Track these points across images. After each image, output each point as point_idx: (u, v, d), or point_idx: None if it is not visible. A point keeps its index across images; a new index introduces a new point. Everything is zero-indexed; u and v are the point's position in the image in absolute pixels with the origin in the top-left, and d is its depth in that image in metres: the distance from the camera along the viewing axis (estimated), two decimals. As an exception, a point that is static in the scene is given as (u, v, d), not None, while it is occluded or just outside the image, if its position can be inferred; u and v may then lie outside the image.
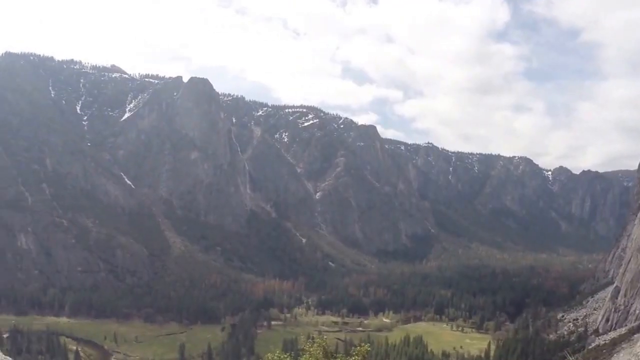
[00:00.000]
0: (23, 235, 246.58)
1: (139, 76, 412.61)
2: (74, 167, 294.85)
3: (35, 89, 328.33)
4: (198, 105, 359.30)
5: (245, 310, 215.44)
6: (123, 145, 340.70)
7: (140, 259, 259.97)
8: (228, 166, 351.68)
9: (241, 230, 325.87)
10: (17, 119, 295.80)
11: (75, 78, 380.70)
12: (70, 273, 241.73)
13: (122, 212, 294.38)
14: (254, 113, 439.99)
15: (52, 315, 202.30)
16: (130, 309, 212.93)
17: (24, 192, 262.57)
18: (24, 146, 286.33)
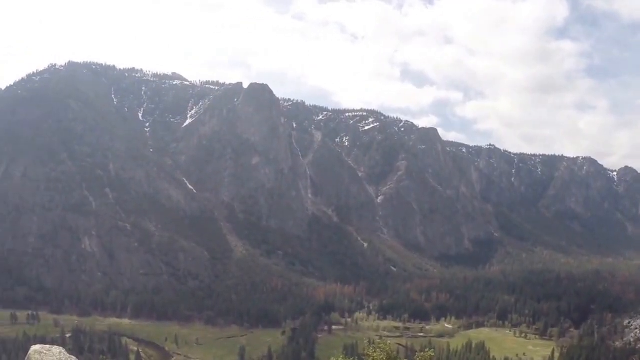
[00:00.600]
0: (87, 238, 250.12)
1: (200, 83, 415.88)
2: (137, 172, 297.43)
3: (98, 97, 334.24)
4: (259, 111, 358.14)
5: (306, 315, 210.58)
6: (185, 150, 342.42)
7: (202, 263, 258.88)
8: (289, 171, 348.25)
9: (303, 234, 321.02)
10: (81, 126, 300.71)
11: (137, 86, 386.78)
12: (133, 275, 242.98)
13: (184, 216, 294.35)
14: (314, 117, 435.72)
15: (115, 317, 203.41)
16: (192, 311, 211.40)
17: (88, 196, 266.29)
18: (88, 152, 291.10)
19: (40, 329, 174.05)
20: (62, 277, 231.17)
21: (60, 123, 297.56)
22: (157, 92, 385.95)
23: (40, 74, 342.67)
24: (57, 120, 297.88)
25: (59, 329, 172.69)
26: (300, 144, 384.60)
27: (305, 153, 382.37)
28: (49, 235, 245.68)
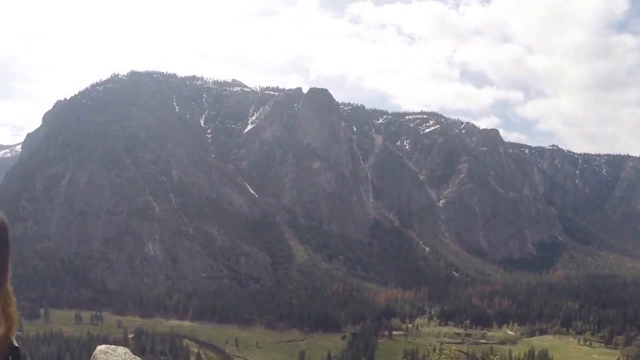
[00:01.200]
0: (151, 242, 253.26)
1: (260, 89, 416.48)
2: (199, 177, 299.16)
3: (160, 105, 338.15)
4: (319, 115, 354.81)
5: (367, 319, 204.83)
6: (246, 156, 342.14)
7: (263, 267, 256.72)
8: (350, 175, 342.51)
9: (364, 239, 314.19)
10: (144, 134, 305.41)
11: (198, 93, 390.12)
12: (195, 279, 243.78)
13: (246, 220, 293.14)
14: (374, 121, 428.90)
15: (176, 319, 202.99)
16: (252, 314, 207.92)
17: (152, 202, 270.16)
18: (151, 159, 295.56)
19: (104, 329, 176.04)
20: (126, 280, 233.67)
21: (124, 131, 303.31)
22: (218, 99, 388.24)
23: (104, 83, 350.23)
24: (120, 128, 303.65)
25: (122, 330, 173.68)
26: (361, 148, 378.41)
27: (366, 157, 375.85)
28: (114, 239, 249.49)
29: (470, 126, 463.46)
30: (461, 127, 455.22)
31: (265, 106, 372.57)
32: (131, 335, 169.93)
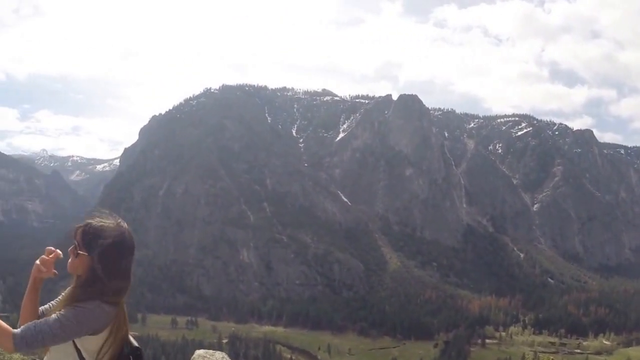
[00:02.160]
0: (245, 250, 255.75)
1: (350, 97, 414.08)
2: (292, 186, 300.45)
3: (252, 116, 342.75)
4: (409, 122, 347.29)
5: (460, 327, 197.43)
6: (339, 164, 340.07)
7: (356, 274, 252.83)
8: (443, 181, 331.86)
9: (457, 245, 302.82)
10: (238, 145, 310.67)
11: (289, 104, 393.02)
12: (289, 285, 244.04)
13: (339, 228, 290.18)
14: (465, 125, 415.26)
15: (270, 325, 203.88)
16: (345, 321, 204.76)
17: (247, 210, 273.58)
18: (245, 169, 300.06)
19: (199, 334, 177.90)
20: (221, 286, 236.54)
21: (218, 142, 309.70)
22: (309, 109, 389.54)
23: (197, 97, 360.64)
24: (214, 139, 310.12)
25: (217, 335, 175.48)
26: (453, 153, 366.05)
27: (458, 162, 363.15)
28: (209, 247, 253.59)
29: (563, 127, 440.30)
30: (554, 129, 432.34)
31: (355, 114, 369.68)
32: (225, 340, 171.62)
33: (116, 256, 3.87)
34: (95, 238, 3.87)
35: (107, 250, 3.83)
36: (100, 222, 3.96)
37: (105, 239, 3.85)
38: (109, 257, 3.83)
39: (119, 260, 3.89)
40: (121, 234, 3.95)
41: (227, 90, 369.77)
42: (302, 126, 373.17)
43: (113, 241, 3.87)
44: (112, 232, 3.91)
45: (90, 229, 3.93)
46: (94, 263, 3.83)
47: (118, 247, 3.89)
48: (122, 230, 3.98)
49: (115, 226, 3.97)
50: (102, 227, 3.93)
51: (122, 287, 3.93)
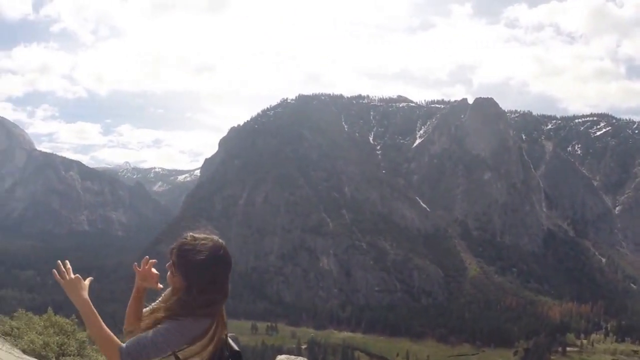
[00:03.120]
0: (325, 257, 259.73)
1: (425, 103, 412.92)
2: (370, 193, 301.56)
3: (329, 125, 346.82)
4: (486, 125, 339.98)
5: (540, 335, 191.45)
6: (416, 170, 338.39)
7: (435, 280, 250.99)
8: (522, 184, 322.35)
9: (537, 250, 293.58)
10: (316, 153, 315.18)
11: (365, 111, 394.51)
12: (368, 292, 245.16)
13: (418, 234, 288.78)
14: (542, 127, 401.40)
15: (349, 331, 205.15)
16: (424, 328, 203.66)
17: (326, 218, 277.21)
18: (324, 177, 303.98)
19: (278, 339, 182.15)
20: (301, 293, 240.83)
21: (296, 151, 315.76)
22: (385, 116, 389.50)
23: (274, 108, 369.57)
24: (292, 149, 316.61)
25: (296, 340, 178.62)
26: (531, 156, 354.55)
27: (536, 165, 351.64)
28: (289, 254, 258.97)
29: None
30: (634, 127, 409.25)
31: (432, 119, 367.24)
32: (304, 345, 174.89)
33: (211, 273, 3.90)
34: (189, 257, 3.88)
35: (201, 269, 3.86)
36: (194, 242, 3.96)
37: (199, 258, 3.86)
38: (204, 275, 3.86)
39: (214, 277, 3.93)
40: (215, 251, 3.99)
41: (304, 100, 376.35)
42: (379, 133, 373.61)
43: (207, 259, 3.89)
44: (206, 251, 3.92)
45: (183, 249, 3.93)
46: (189, 282, 3.87)
47: (213, 264, 3.92)
48: (217, 246, 4.03)
49: (209, 244, 3.99)
50: (195, 246, 3.93)
51: (218, 301, 3.98)
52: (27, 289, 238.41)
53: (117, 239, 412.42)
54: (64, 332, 21.43)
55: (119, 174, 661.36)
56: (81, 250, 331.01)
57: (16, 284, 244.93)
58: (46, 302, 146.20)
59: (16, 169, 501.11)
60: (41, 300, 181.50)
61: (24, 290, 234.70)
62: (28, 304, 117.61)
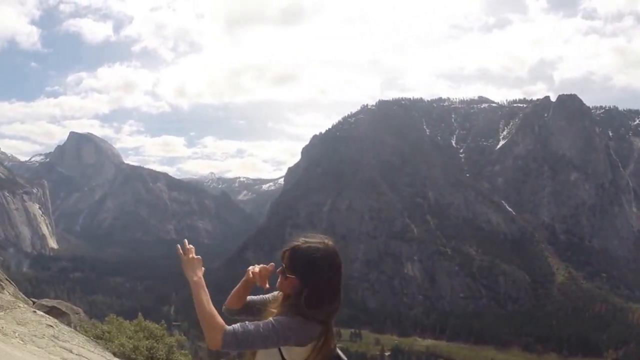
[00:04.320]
0: (410, 263, 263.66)
1: (507, 102, 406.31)
2: (455, 197, 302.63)
3: (410, 129, 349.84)
4: (571, 123, 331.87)
5: (630, 344, 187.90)
6: (501, 172, 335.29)
7: (522, 286, 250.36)
8: (610, 184, 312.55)
9: (628, 254, 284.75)
10: (398, 159, 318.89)
11: (447, 114, 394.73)
12: (452, 299, 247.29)
13: (504, 239, 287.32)
14: (630, 122, 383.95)
15: (432, 338, 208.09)
16: (510, 336, 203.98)
17: (410, 224, 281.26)
18: (407, 182, 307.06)
19: (362, 346, 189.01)
20: (385, 300, 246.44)
21: (379, 157, 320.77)
22: (467, 118, 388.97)
23: (355, 115, 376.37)
24: (375, 155, 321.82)
25: (379, 347, 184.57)
26: (619, 154, 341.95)
27: (625, 163, 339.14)
28: (374, 261, 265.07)
29: None
30: None
31: (514, 119, 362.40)
32: (388, 352, 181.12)
33: (325, 274, 3.95)
34: (302, 260, 3.94)
35: (315, 269, 3.91)
36: (307, 244, 4.00)
37: (312, 260, 3.92)
38: (318, 276, 3.90)
39: (328, 279, 3.97)
40: (329, 253, 4.05)
41: (384, 106, 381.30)
42: (461, 136, 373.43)
43: (321, 260, 3.95)
44: (318, 253, 3.96)
45: (296, 252, 3.98)
46: (302, 285, 3.88)
47: (326, 266, 3.98)
48: (329, 249, 4.06)
49: (321, 246, 4.03)
50: (308, 249, 3.97)
51: (331, 306, 3.99)
52: (116, 294, 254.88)
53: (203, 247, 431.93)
54: (154, 337, 22.59)
55: (204, 184, 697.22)
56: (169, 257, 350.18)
57: (106, 289, 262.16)
58: (135, 307, 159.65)
59: (106, 181, 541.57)
60: (130, 305, 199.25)
61: (114, 295, 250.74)
62: (117, 309, 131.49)
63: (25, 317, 14.05)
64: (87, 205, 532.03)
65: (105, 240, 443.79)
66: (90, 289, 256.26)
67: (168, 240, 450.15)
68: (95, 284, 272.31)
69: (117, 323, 22.55)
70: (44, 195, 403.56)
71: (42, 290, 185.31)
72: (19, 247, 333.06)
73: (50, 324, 14.13)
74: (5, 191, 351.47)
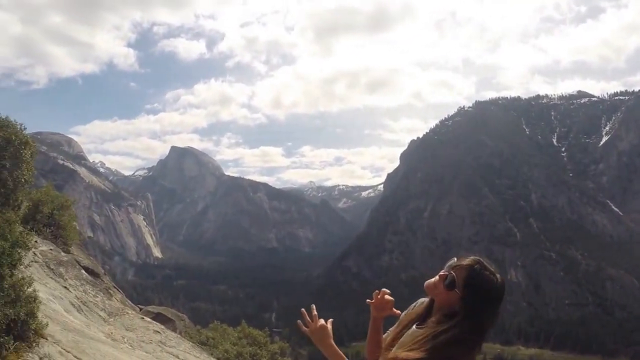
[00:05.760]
0: (513, 269, 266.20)
1: (608, 96, 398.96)
2: (558, 199, 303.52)
3: (509, 130, 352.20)
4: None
5: None
6: (605, 170, 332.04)
7: (630, 292, 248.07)
8: None
9: None
10: (498, 161, 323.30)
11: (546, 112, 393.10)
12: (557, 306, 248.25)
13: (610, 241, 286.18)
14: None
15: (536, 347, 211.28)
16: (618, 345, 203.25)
17: (512, 227, 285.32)
18: (508, 184, 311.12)
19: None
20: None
21: (478, 160, 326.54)
22: (567, 114, 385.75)
23: (451, 117, 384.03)
24: (474, 157, 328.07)
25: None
26: None
27: None
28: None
29: None
30: None
31: (616, 114, 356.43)
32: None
33: (484, 306, 3.84)
34: (476, 284, 3.84)
35: (480, 299, 3.80)
36: (482, 270, 3.90)
37: (484, 289, 3.84)
38: (478, 306, 3.80)
39: (485, 310, 3.85)
40: (499, 288, 3.92)
41: (481, 107, 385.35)
42: (562, 134, 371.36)
43: (496, 292, 3.89)
44: (492, 285, 3.87)
45: (476, 274, 3.88)
46: (461, 304, 3.81)
47: (490, 300, 3.89)
48: (501, 284, 3.94)
49: (496, 280, 3.92)
50: (484, 276, 3.86)
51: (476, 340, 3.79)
52: (219, 302, 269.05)
53: (304, 255, 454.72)
54: (257, 344, 23.55)
55: (304, 193, 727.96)
56: (270, 266, 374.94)
57: (209, 297, 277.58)
58: (237, 314, 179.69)
59: (207, 193, 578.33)
60: (232, 312, 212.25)
61: (216, 302, 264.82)
62: (220, 316, 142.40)
63: (134, 323, 15.19)
64: (190, 216, 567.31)
65: (207, 249, 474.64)
66: (193, 296, 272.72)
67: (269, 249, 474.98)
68: (198, 291, 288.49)
69: (221, 330, 24.12)
70: (148, 207, 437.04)
71: (147, 297, 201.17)
72: (124, 256, 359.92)
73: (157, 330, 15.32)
74: (111, 204, 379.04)
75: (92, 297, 15.64)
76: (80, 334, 11.33)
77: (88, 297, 15.43)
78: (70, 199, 22.99)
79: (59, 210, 20.85)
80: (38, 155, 12.66)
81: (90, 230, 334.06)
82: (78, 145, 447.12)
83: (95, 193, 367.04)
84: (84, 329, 12.16)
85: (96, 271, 20.71)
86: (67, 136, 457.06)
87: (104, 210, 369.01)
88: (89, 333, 11.91)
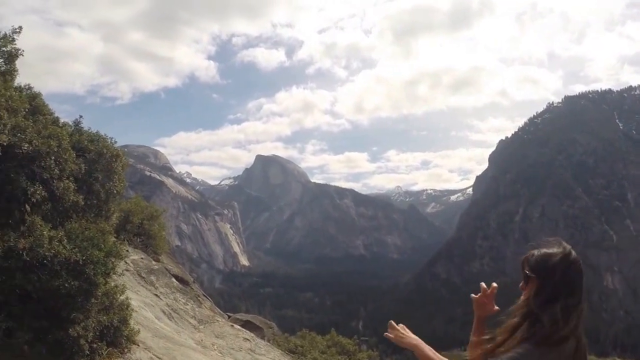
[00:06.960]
0: (609, 274, 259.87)
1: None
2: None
3: (602, 125, 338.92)
4: None
5: None
6: None
7: None
8: None
9: None
10: (591, 158, 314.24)
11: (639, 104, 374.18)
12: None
13: None
14: None
15: (634, 359, 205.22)
16: None
17: (608, 230, 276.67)
18: (603, 184, 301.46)
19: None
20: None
21: (570, 158, 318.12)
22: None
23: (540, 115, 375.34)
24: (566, 156, 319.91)
25: None
26: None
27: None
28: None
29: None
30: None
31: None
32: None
33: (564, 275, 3.81)
34: (536, 258, 3.98)
35: (547, 268, 3.85)
36: (544, 250, 4.02)
37: (547, 258, 3.91)
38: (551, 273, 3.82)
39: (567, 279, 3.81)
40: (567, 254, 3.95)
41: (571, 102, 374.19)
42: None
43: (559, 261, 3.89)
44: (557, 254, 3.92)
45: (534, 255, 4.03)
46: (541, 284, 3.82)
47: (564, 267, 3.85)
48: (568, 251, 3.98)
49: (559, 249, 3.99)
50: (545, 252, 3.97)
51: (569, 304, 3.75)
52: (306, 309, 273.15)
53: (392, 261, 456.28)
54: (346, 352, 23.59)
55: (391, 199, 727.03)
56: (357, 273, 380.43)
57: (296, 304, 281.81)
58: (323, 322, 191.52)
59: (293, 200, 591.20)
60: (318, 320, 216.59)
61: (303, 310, 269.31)
62: (307, 324, 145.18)
63: (224, 330, 15.88)
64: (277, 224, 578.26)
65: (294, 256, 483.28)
66: (280, 303, 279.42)
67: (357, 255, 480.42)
68: (285, 299, 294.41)
69: (310, 338, 24.18)
70: (235, 216, 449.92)
71: (234, 304, 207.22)
72: (211, 264, 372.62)
73: (247, 338, 15.93)
74: (198, 213, 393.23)
75: (182, 305, 16.71)
76: (171, 340, 12.20)
77: (178, 304, 16.53)
78: (159, 209, 24.95)
79: (148, 220, 22.71)
80: (128, 167, 14.44)
81: (178, 239, 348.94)
82: (164, 156, 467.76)
83: (182, 203, 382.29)
84: (175, 335, 13.09)
85: (185, 279, 22.16)
86: (153, 148, 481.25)
87: (191, 220, 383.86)
88: (179, 340, 12.81)
